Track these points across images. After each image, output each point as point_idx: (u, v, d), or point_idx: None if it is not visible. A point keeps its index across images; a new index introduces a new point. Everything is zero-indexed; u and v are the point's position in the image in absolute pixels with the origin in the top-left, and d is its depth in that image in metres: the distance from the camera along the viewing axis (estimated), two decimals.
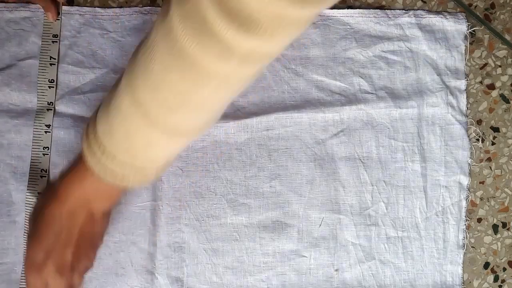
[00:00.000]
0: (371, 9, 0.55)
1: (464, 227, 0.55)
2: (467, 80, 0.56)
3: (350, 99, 0.54)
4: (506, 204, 0.57)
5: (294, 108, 0.54)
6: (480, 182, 0.56)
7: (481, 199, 0.56)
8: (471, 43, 0.56)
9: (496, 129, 0.57)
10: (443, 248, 0.55)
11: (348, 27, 0.54)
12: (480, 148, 0.57)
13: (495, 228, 0.56)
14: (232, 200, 0.54)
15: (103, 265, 0.52)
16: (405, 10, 0.55)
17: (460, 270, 0.55)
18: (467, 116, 0.56)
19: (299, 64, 0.54)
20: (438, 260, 0.55)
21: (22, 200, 0.52)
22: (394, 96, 0.54)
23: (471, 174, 0.56)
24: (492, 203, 0.56)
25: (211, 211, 0.53)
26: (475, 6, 0.56)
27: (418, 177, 0.55)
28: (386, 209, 0.54)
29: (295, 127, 0.54)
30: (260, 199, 0.54)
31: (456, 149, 0.55)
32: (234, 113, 0.54)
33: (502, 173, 0.57)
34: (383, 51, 0.55)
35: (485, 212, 0.56)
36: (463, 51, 0.55)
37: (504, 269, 0.56)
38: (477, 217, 0.56)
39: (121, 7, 0.54)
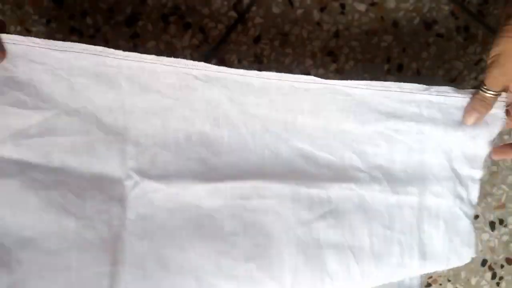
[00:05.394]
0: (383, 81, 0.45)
1: None
2: (484, 169, 0.46)
3: (339, 175, 0.46)
4: (502, 201, 0.56)
5: (274, 177, 0.45)
6: None
7: (478, 196, 0.56)
8: (465, 39, 0.56)
9: None
10: None
11: (350, 97, 0.44)
12: None
13: (492, 225, 0.56)
14: (200, 279, 0.44)
15: None
16: (426, 85, 0.44)
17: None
18: (475, 208, 0.48)
19: (283, 129, 0.45)
20: None
21: None
22: (391, 178, 0.46)
23: None
24: (489, 200, 0.56)
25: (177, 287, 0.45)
26: (468, 2, 0.56)
27: (417, 279, 0.48)
28: None
29: (275, 199, 0.45)
30: (234, 283, 0.45)
31: (461, 247, 0.46)
32: (205, 173, 0.45)
33: (498, 170, 0.56)
34: (387, 128, 0.45)
35: (482, 209, 0.56)
36: (491, 139, 0.45)
37: (502, 266, 0.56)
38: (474, 214, 0.56)
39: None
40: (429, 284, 0.56)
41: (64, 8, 0.54)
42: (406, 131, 0.45)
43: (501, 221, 0.56)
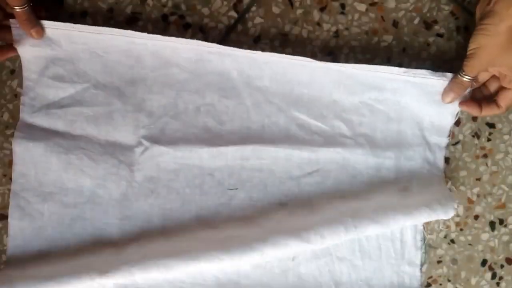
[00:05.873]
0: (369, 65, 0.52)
1: (422, 227, 0.54)
2: (449, 138, 0.54)
3: (328, 141, 0.54)
4: (503, 201, 0.56)
5: (271, 142, 0.53)
6: (476, 179, 0.56)
7: (478, 196, 0.56)
8: (465, 39, 0.56)
9: (491, 125, 0.56)
10: (401, 248, 0.54)
11: (341, 72, 0.52)
12: (476, 144, 0.56)
13: (492, 225, 0.56)
14: (201, 223, 0.52)
15: None
16: (405, 67, 0.52)
17: (418, 272, 0.54)
18: (445, 173, 0.55)
19: (282, 100, 0.53)
20: (395, 261, 0.54)
21: None
22: (373, 145, 0.54)
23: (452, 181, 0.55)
24: (489, 199, 0.56)
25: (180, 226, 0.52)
26: (468, 2, 0.56)
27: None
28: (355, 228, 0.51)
29: (270, 160, 0.53)
30: (230, 225, 0.52)
31: (438, 193, 0.53)
32: (210, 139, 0.52)
33: (499, 169, 0.56)
34: (370, 99, 0.54)
35: (482, 209, 0.56)
36: (455, 113, 0.54)
37: (502, 266, 0.56)
38: (474, 214, 0.56)
39: (111, 8, 0.54)
40: (429, 284, 0.56)
41: (64, 8, 0.54)
42: (385, 101, 0.54)
43: (501, 221, 0.56)
